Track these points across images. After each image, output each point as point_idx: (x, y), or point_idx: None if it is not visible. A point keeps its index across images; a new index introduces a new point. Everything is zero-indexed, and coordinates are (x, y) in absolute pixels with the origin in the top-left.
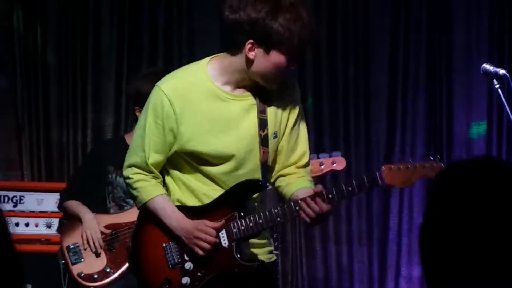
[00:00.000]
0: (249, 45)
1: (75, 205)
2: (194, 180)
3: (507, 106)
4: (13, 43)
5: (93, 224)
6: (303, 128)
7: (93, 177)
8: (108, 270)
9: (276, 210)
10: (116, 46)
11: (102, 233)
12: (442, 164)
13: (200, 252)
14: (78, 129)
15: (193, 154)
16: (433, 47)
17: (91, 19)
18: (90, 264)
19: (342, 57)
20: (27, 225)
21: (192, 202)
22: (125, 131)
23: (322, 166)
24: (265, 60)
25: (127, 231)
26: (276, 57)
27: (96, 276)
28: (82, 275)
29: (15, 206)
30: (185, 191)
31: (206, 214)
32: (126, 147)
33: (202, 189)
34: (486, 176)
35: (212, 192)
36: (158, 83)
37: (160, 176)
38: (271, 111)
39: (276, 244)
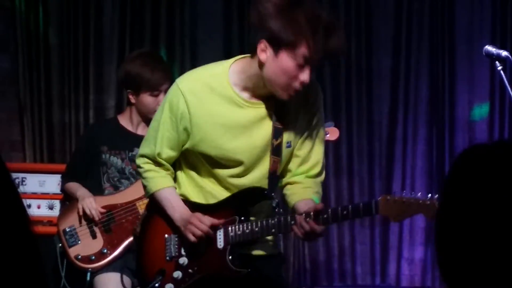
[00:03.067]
0: (262, 46)
1: (74, 186)
2: (202, 178)
3: (509, 88)
4: (15, 24)
5: (88, 196)
6: (320, 138)
7: (88, 158)
8: (105, 251)
9: (272, 221)
10: (118, 28)
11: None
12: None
13: (192, 238)
14: (80, 111)
15: (204, 155)
16: (435, 29)
17: (93, 0)
18: (87, 245)
19: (345, 38)
20: (29, 206)
21: (197, 198)
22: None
23: None
24: (274, 64)
25: (123, 212)
26: (284, 60)
27: (93, 257)
28: (79, 257)
29: (17, 187)
30: (193, 186)
31: (208, 212)
32: (119, 127)
33: (209, 188)
34: (504, 161)
35: (219, 192)
36: (177, 80)
37: (171, 168)
38: (288, 119)
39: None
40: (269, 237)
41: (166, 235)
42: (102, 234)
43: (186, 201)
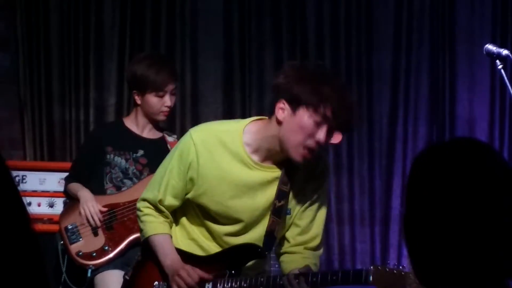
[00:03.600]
0: (280, 105)
1: (75, 187)
2: (196, 231)
3: (509, 87)
4: (15, 22)
5: (90, 199)
6: (322, 210)
7: (92, 159)
8: (106, 248)
9: (261, 279)
10: (118, 26)
11: (100, 212)
12: None
13: None
14: (80, 108)
15: (203, 208)
16: (436, 27)
17: None
18: (88, 243)
19: (345, 36)
20: (29, 204)
21: (188, 249)
22: (128, 110)
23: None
24: (291, 121)
25: (125, 210)
26: (301, 117)
27: (94, 254)
28: (81, 253)
29: (17, 185)
30: (185, 238)
31: (200, 264)
32: (124, 129)
33: (201, 242)
34: (461, 159)
35: (211, 248)
36: (191, 130)
37: (170, 217)
38: (294, 186)
39: None
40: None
41: (156, 282)
42: (103, 231)
43: (179, 251)
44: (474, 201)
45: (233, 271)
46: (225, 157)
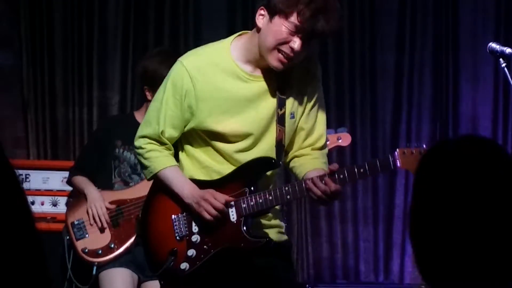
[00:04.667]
0: (261, 11)
1: (82, 181)
2: (207, 158)
3: None
4: (19, 21)
5: (99, 200)
6: (321, 110)
7: (101, 151)
8: (112, 245)
9: (286, 188)
10: (122, 25)
11: (107, 209)
12: None
13: (207, 216)
14: (84, 107)
15: (210, 132)
16: (439, 25)
17: None
18: (95, 239)
19: (349, 35)
20: (32, 203)
21: (204, 178)
22: (131, 109)
23: (328, 142)
24: (267, 29)
25: (132, 207)
26: (277, 25)
27: (100, 251)
28: (86, 250)
29: (21, 184)
30: (198, 167)
31: (217, 188)
32: (135, 123)
33: (214, 167)
34: (470, 156)
35: (225, 170)
36: (180, 58)
37: (173, 148)
38: (291, 91)
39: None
40: (277, 223)
41: (173, 216)
42: (110, 228)
43: (194, 180)
44: (480, 197)
45: (252, 187)
46: (219, 76)
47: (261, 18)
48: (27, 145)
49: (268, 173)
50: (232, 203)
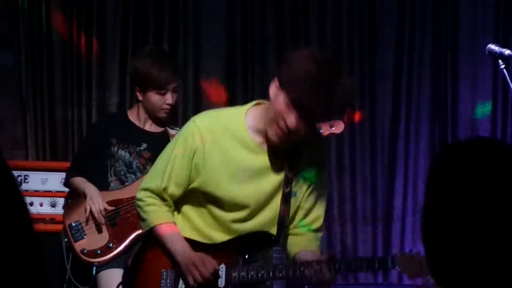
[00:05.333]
0: (275, 83)
1: (81, 181)
2: (201, 221)
3: None
4: (17, 22)
5: (97, 196)
6: (324, 192)
7: (96, 150)
8: (111, 245)
9: (280, 266)
10: (120, 25)
11: (104, 209)
12: None
13: (191, 282)
14: (82, 108)
15: (210, 195)
16: (438, 26)
17: None
18: (93, 240)
19: (347, 36)
20: (31, 204)
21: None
22: (130, 107)
23: (321, 131)
24: (275, 101)
25: (128, 206)
26: (280, 98)
27: (99, 251)
28: (85, 251)
29: (19, 185)
30: (190, 229)
31: (212, 251)
32: (128, 121)
33: (207, 231)
34: (485, 157)
35: (216, 237)
36: (194, 118)
37: (173, 206)
38: (297, 169)
39: None
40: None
41: (163, 270)
42: (107, 228)
43: (188, 240)
44: (495, 199)
45: (246, 257)
46: (230, 143)
47: (275, 89)
48: (26, 146)
49: (271, 247)
50: (223, 269)
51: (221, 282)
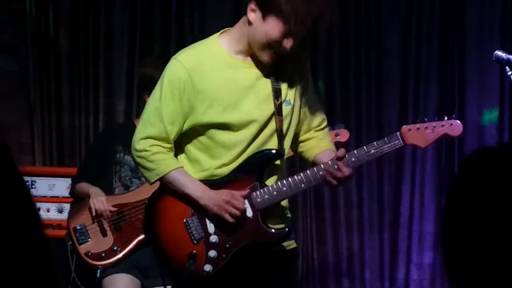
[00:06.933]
0: (251, 6)
1: (85, 186)
2: (208, 159)
3: None
4: (25, 27)
5: (100, 195)
6: (315, 93)
7: (101, 161)
8: (115, 248)
9: (299, 177)
10: (128, 31)
11: (109, 211)
12: (459, 121)
13: (230, 219)
14: (90, 114)
15: (212, 125)
16: (445, 33)
17: (103, 2)
18: (97, 243)
19: (354, 41)
20: (38, 210)
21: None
22: (137, 115)
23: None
24: (260, 26)
25: (133, 210)
26: (271, 26)
27: (103, 254)
28: (90, 254)
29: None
30: (199, 171)
31: (227, 185)
32: (134, 129)
33: (216, 169)
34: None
35: (225, 169)
36: (174, 56)
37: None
38: (284, 79)
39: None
40: (286, 213)
41: (185, 219)
42: (112, 231)
43: (201, 180)
44: None
45: (261, 181)
46: (215, 67)
47: (253, 13)
48: (33, 151)
49: (277, 163)
50: (246, 197)
51: (248, 211)
